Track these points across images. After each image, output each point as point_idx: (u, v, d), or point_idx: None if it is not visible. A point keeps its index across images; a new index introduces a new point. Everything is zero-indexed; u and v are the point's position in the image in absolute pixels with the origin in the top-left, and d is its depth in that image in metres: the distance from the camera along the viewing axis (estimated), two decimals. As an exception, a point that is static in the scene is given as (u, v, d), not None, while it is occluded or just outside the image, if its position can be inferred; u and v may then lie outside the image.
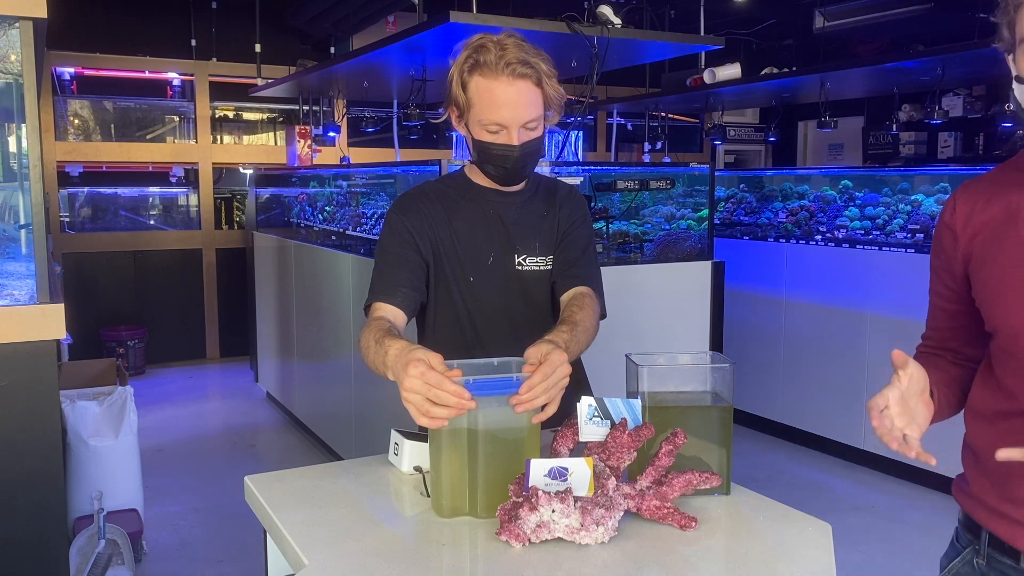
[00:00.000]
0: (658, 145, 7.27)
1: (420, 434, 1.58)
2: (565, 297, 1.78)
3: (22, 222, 2.29)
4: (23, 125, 2.06)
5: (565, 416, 1.50)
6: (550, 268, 1.84)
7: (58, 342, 2.19)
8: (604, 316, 1.82)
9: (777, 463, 4.72)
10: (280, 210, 6.18)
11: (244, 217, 7.21)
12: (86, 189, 7.14)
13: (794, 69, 5.74)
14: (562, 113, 1.77)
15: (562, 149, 4.09)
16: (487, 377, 1.36)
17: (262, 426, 5.47)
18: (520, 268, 1.81)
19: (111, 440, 3.39)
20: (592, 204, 3.89)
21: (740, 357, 3.98)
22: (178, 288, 7.10)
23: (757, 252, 5.17)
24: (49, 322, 2.07)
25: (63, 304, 2.09)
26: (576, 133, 4.39)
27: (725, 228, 5.61)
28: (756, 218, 5.56)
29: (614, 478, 1.35)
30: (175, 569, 3.43)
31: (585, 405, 1.43)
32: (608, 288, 1.89)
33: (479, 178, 1.83)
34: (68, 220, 7.04)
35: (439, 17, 3.38)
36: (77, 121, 7.15)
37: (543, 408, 1.37)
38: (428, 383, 1.28)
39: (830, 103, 5.58)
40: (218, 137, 7.53)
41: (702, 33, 5.24)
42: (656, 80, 7.01)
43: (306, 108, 6.69)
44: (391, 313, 1.69)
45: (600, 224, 3.91)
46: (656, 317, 3.74)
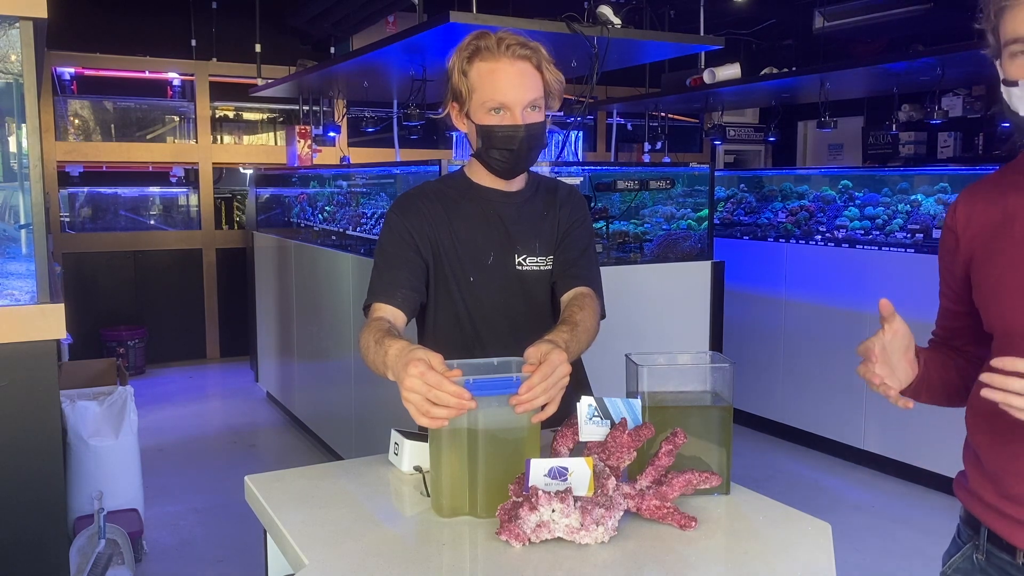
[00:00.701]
0: (658, 145, 7.27)
1: (420, 434, 1.58)
2: (565, 297, 1.78)
3: (22, 222, 2.28)
4: (23, 125, 2.06)
5: (565, 416, 1.50)
6: (550, 268, 1.84)
7: (58, 342, 2.19)
8: (604, 316, 1.82)
9: (777, 463, 4.72)
10: (280, 210, 6.18)
11: (244, 217, 7.21)
12: (86, 189, 7.14)
13: (794, 69, 5.73)
14: (561, 100, 1.78)
15: (562, 149, 4.08)
16: (487, 377, 1.36)
17: (262, 426, 5.47)
18: (520, 268, 1.81)
19: (111, 440, 3.39)
20: (592, 204, 3.89)
21: (740, 357, 3.97)
22: (178, 288, 7.10)
23: (757, 252, 5.17)
24: (49, 322, 2.06)
25: (63, 304, 2.09)
26: (576, 133, 4.38)
27: (725, 228, 5.61)
28: (756, 218, 5.56)
29: (614, 478, 1.36)
30: (175, 569, 3.44)
31: (585, 405, 1.43)
32: (608, 288, 1.89)
33: (479, 178, 1.83)
34: (68, 220, 7.04)
35: (439, 17, 3.38)
36: (77, 121, 7.14)
37: (543, 408, 1.37)
38: (428, 383, 1.28)
39: (830, 103, 5.57)
40: (218, 137, 7.52)
41: (702, 33, 5.23)
42: (656, 80, 7.02)
43: (306, 108, 6.69)
44: (390, 314, 1.69)
45: (600, 224, 3.91)
46: (656, 317, 3.74)
